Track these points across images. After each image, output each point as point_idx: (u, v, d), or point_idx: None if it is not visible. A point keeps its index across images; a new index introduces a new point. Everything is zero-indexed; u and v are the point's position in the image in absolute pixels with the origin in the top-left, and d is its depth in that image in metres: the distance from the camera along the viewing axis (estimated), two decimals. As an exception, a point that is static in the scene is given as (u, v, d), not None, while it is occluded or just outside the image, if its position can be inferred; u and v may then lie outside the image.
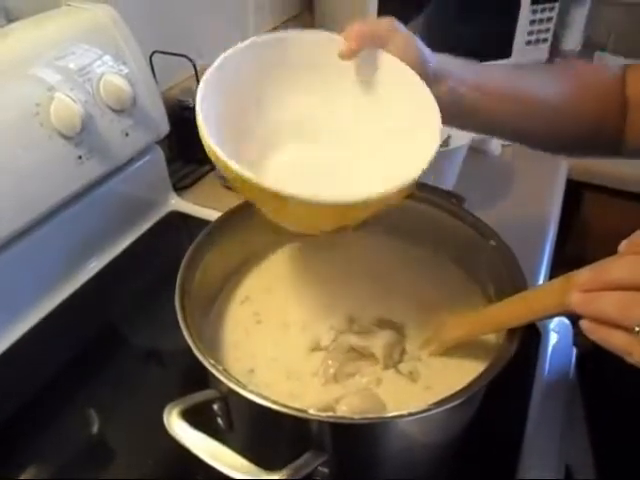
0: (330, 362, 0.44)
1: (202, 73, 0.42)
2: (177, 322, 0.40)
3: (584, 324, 0.33)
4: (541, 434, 0.52)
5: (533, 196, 0.84)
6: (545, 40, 1.18)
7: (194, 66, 0.83)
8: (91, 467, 0.50)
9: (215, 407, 0.41)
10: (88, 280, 0.69)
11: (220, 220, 0.50)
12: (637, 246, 0.32)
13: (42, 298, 0.65)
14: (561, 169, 0.91)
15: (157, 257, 0.71)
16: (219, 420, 0.42)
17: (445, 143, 0.79)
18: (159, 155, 0.78)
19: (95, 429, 0.54)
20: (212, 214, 0.52)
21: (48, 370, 0.59)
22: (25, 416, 0.54)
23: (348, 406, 0.39)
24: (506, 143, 0.95)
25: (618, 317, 0.31)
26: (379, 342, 0.45)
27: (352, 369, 0.44)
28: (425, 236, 0.55)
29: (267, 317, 0.50)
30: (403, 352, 0.46)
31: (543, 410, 0.54)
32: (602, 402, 0.62)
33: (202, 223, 0.50)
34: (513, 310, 0.40)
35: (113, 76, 0.64)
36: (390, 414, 0.34)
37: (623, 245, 0.33)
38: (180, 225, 0.79)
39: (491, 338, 0.46)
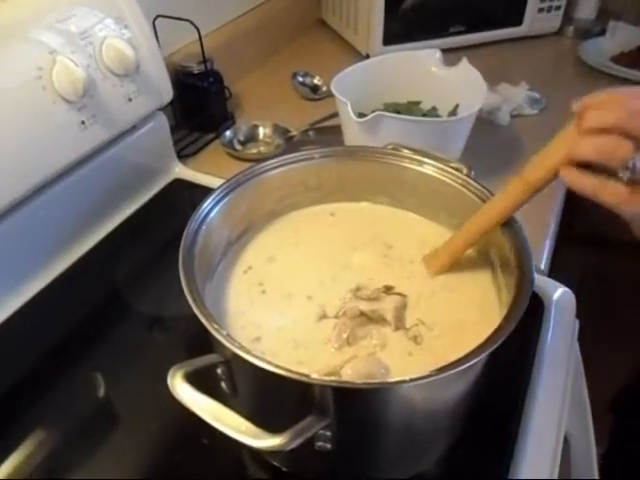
0: (342, 327, 0.44)
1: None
2: (181, 289, 0.40)
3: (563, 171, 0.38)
4: (541, 404, 0.52)
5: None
6: (558, 8, 1.15)
7: (198, 31, 0.81)
8: (96, 430, 0.51)
9: (219, 371, 0.42)
10: (92, 247, 0.69)
11: (224, 186, 0.50)
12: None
13: (46, 265, 0.65)
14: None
15: (161, 224, 0.71)
16: (223, 384, 0.43)
17: (453, 112, 0.77)
18: (163, 122, 0.77)
19: (101, 393, 0.55)
20: (216, 182, 0.52)
21: (53, 335, 0.60)
22: (31, 380, 0.55)
23: (353, 370, 0.40)
24: (515, 113, 0.93)
25: (599, 158, 0.35)
26: (389, 305, 0.45)
27: (363, 333, 0.44)
28: (430, 205, 0.54)
29: (271, 287, 0.50)
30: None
31: (544, 380, 0.54)
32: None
33: (206, 191, 0.50)
34: (510, 195, 0.43)
35: (115, 40, 0.63)
36: (392, 379, 0.34)
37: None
38: (184, 193, 0.78)
39: (496, 309, 0.46)
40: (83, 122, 0.62)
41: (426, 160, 0.52)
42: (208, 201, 0.48)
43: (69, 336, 0.60)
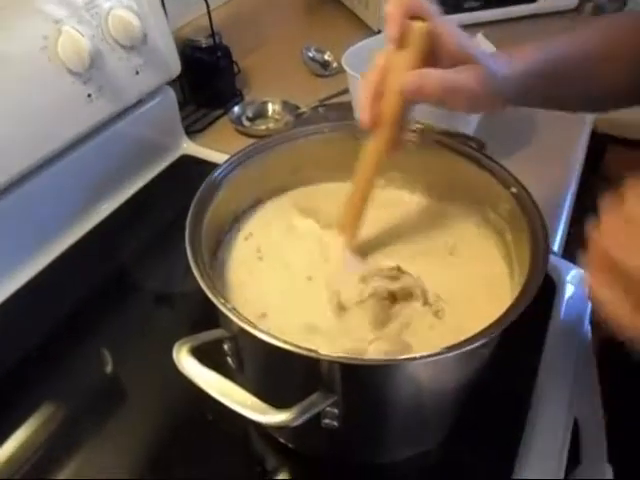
0: (374, 310, 0.43)
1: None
2: (187, 265, 0.39)
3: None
4: (551, 387, 0.51)
5: (555, 147, 0.81)
6: (576, -17, 1.11)
7: (207, 4, 0.79)
8: (102, 406, 0.51)
9: (225, 347, 0.41)
10: (99, 223, 0.69)
11: (233, 159, 0.49)
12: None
13: (52, 240, 0.65)
14: (586, 121, 0.87)
15: (168, 201, 0.70)
16: (229, 360, 0.42)
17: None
18: (171, 96, 0.76)
19: (107, 369, 0.55)
20: (224, 158, 0.51)
21: (60, 311, 0.60)
22: (38, 356, 0.55)
23: (376, 350, 0.39)
24: (530, 92, 0.91)
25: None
26: (412, 281, 0.44)
27: (392, 313, 0.43)
28: (442, 181, 0.53)
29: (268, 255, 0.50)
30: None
31: (555, 363, 0.53)
32: (615, 358, 0.61)
33: (214, 167, 0.49)
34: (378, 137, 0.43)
35: (122, 10, 0.62)
36: (400, 356, 0.34)
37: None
38: (192, 169, 0.77)
39: (508, 288, 0.45)
40: (89, 95, 0.61)
41: (438, 138, 0.51)
42: (216, 173, 0.47)
43: (75, 312, 0.60)
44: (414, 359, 0.33)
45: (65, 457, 0.47)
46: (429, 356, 0.32)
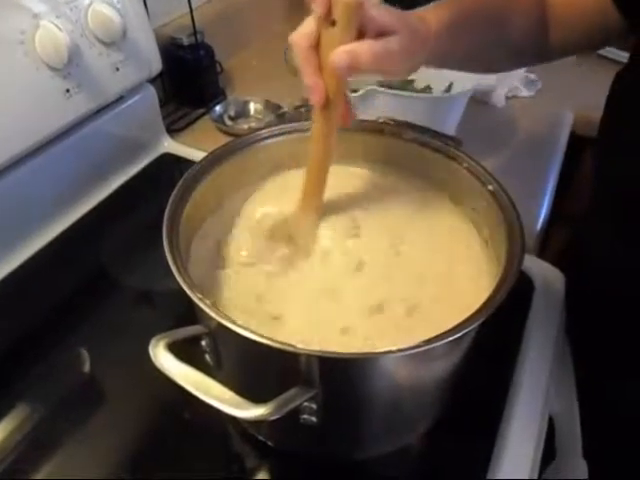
0: None
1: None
2: (167, 264, 0.39)
3: None
4: (527, 383, 0.52)
5: (534, 149, 0.82)
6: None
7: (189, 3, 0.79)
8: (79, 406, 0.51)
9: (203, 343, 0.41)
10: (77, 220, 0.68)
11: (209, 157, 0.49)
12: None
13: (28, 238, 0.64)
14: (565, 123, 0.88)
15: (148, 199, 0.70)
16: (207, 357, 0.42)
17: (447, 90, 0.76)
18: (151, 94, 0.75)
19: (86, 368, 0.54)
20: (205, 156, 0.52)
21: (37, 310, 0.59)
22: (15, 355, 0.54)
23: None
24: (510, 95, 0.92)
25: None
26: None
27: None
28: (422, 177, 0.54)
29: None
30: None
31: (531, 359, 0.54)
32: (591, 355, 0.62)
33: (195, 166, 0.49)
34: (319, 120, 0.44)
35: (102, 5, 0.61)
36: (379, 350, 0.34)
37: None
38: (173, 167, 0.77)
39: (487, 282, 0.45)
40: (68, 90, 0.60)
41: (416, 133, 0.51)
42: (195, 170, 0.47)
43: (53, 311, 0.59)
44: (392, 352, 0.33)
45: (41, 457, 0.46)
46: (407, 349, 0.32)
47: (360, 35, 0.40)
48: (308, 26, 0.41)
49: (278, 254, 0.47)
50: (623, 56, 1.02)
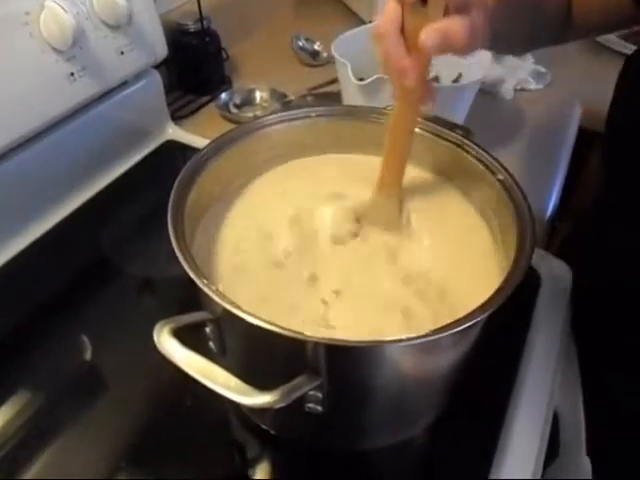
0: None
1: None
2: (171, 250, 0.38)
3: None
4: (533, 378, 0.51)
5: (543, 142, 0.81)
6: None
7: (195, -13, 0.78)
8: (81, 393, 0.50)
9: (207, 330, 0.40)
10: (80, 206, 0.67)
11: (214, 144, 0.48)
12: None
13: (30, 224, 0.63)
14: (574, 117, 0.88)
15: (152, 185, 0.69)
16: (211, 345, 0.42)
17: (456, 81, 0.75)
18: (156, 80, 0.75)
19: (87, 355, 0.54)
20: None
21: (39, 297, 0.58)
22: (17, 341, 0.54)
23: None
24: (519, 87, 0.91)
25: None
26: None
27: None
28: (431, 165, 0.53)
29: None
30: None
31: (537, 354, 0.53)
32: (596, 351, 0.62)
33: (199, 153, 0.48)
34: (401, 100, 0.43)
35: (108, -12, 0.60)
36: (387, 338, 0.33)
37: None
38: (177, 154, 0.76)
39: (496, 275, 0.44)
40: (72, 74, 0.59)
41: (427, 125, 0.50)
42: (199, 156, 0.46)
43: (55, 297, 0.58)
44: (400, 341, 0.32)
45: (42, 444, 0.46)
46: (414, 338, 0.32)
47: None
48: (393, 12, 0.39)
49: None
50: (632, 49, 1.00)
